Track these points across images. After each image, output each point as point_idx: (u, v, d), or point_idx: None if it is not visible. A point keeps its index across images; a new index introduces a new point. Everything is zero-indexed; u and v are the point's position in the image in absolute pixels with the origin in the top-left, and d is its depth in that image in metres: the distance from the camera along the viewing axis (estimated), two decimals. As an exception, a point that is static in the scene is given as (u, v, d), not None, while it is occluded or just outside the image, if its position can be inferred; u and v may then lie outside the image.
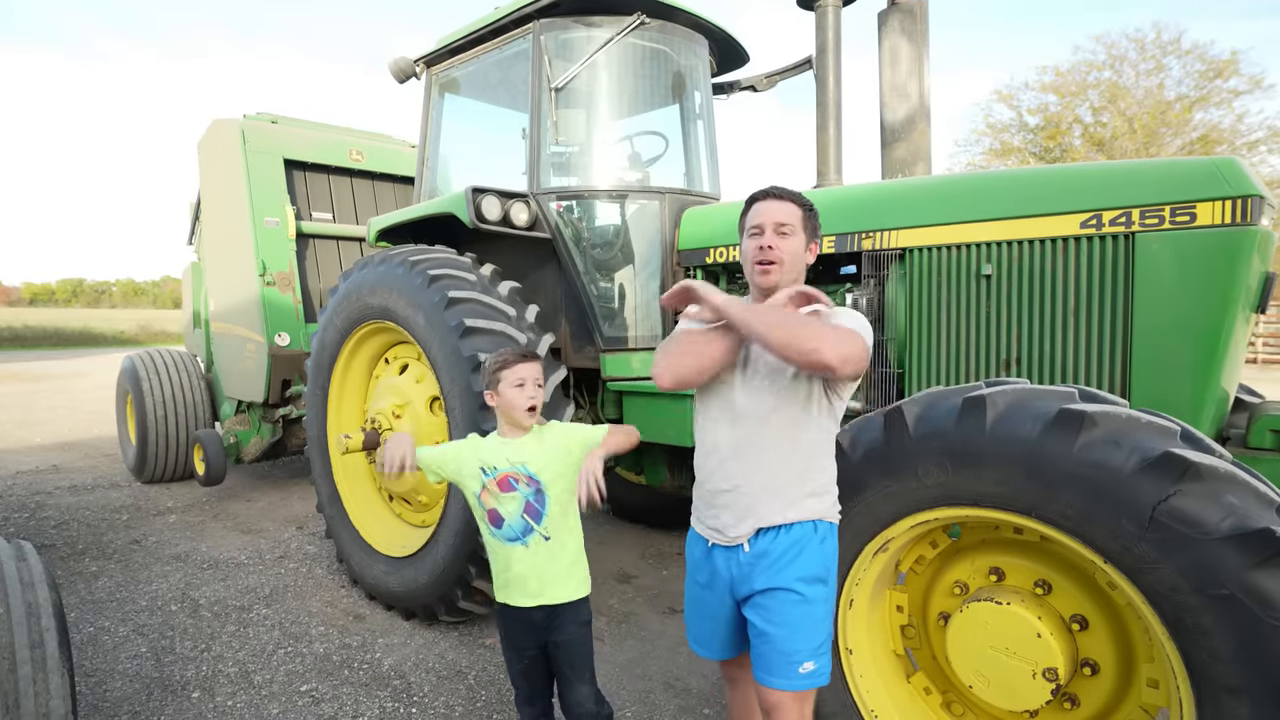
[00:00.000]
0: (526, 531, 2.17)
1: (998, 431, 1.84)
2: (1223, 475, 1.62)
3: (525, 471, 2.18)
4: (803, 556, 1.79)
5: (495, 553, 2.23)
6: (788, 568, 1.79)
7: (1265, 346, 19.17)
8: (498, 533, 2.19)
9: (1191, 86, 20.60)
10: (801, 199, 1.88)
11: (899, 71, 3.31)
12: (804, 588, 1.78)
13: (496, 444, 2.23)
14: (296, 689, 3.02)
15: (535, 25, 3.76)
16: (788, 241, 1.84)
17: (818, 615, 1.80)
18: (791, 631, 1.77)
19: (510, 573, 2.19)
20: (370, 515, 4.01)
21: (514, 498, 2.17)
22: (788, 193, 1.88)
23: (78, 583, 4.16)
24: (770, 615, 1.80)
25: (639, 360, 3.75)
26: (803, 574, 1.78)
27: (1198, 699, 1.63)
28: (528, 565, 2.17)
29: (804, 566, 1.79)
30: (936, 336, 2.85)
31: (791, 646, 1.77)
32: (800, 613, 1.78)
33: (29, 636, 1.86)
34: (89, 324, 35.15)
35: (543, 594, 2.17)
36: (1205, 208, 2.25)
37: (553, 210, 3.74)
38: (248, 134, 5.60)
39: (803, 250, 1.86)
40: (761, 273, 1.84)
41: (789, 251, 1.83)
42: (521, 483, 2.18)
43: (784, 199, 1.87)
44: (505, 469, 2.18)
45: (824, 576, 1.82)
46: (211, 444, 5.56)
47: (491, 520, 2.19)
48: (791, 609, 1.78)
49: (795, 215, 1.85)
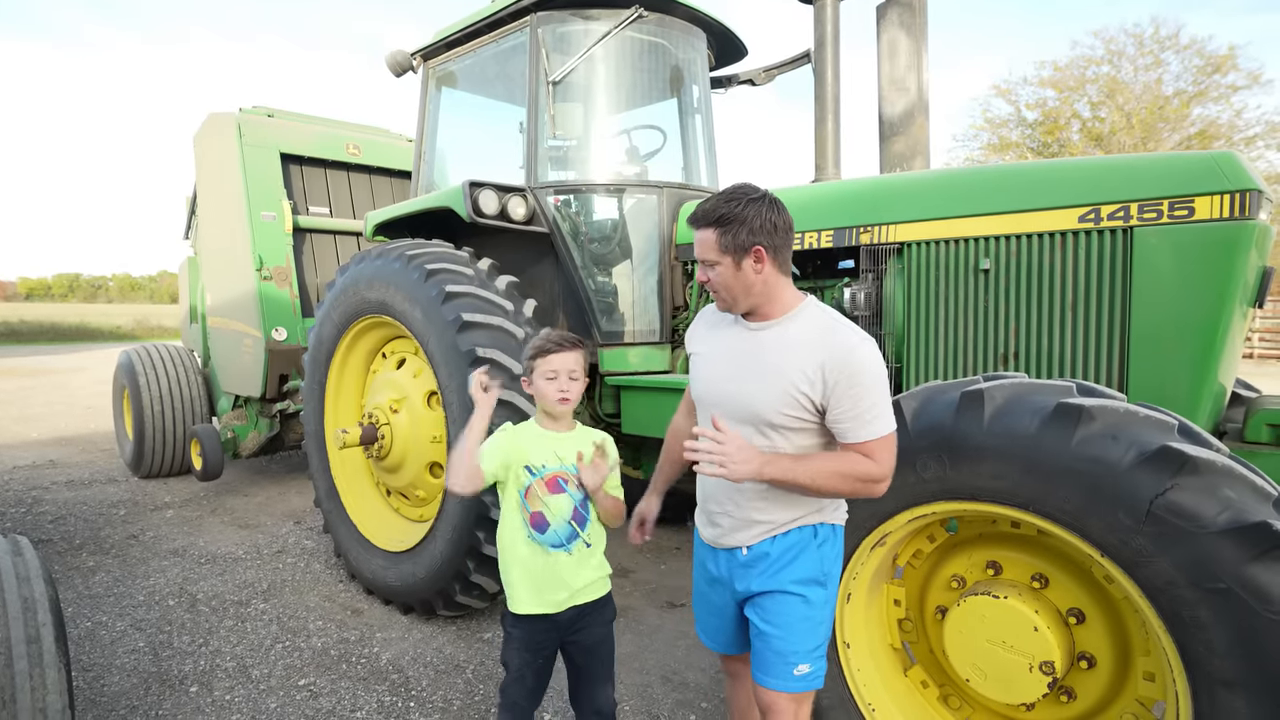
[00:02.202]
0: (572, 538, 2.01)
1: (995, 426, 1.85)
2: (1220, 469, 1.62)
3: (575, 473, 2.01)
4: (799, 560, 1.77)
5: (530, 559, 2.01)
6: (784, 571, 1.77)
7: (1262, 341, 19.23)
8: (540, 538, 1.99)
9: (1190, 81, 20.63)
10: (718, 213, 1.68)
11: (898, 65, 3.30)
12: (802, 589, 1.76)
13: (539, 437, 2.05)
14: (294, 683, 3.02)
15: (533, 19, 3.74)
16: (715, 272, 1.72)
17: (816, 618, 1.78)
18: (787, 632, 1.76)
19: (546, 580, 2.00)
20: (368, 510, 4.01)
21: (563, 500, 2.00)
22: (700, 216, 1.72)
23: (75, 578, 4.15)
24: (768, 615, 1.79)
25: (636, 355, 3.74)
26: (799, 577, 1.77)
27: (1194, 692, 1.63)
28: (569, 572, 2.01)
29: (800, 569, 1.77)
30: (934, 331, 2.85)
31: (787, 647, 1.76)
32: (798, 614, 1.76)
33: (25, 631, 1.85)
34: (85, 319, 35.06)
35: (574, 597, 2.03)
36: (1203, 202, 2.25)
37: (550, 204, 3.73)
38: (244, 128, 5.57)
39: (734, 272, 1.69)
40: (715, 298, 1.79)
41: (720, 282, 1.71)
42: (571, 484, 2.01)
43: (698, 226, 1.73)
44: (555, 468, 2.00)
45: (822, 579, 1.79)
46: (209, 439, 5.55)
47: (534, 524, 1.99)
48: (789, 609, 1.76)
49: (710, 244, 1.69)
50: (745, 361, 1.76)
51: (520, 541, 2.02)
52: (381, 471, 3.85)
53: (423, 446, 3.57)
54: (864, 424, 1.62)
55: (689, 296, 3.79)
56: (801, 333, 1.70)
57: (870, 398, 1.61)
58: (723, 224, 1.68)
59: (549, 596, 2.01)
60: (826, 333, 1.67)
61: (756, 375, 1.72)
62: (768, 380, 1.69)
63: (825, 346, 1.64)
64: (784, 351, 1.69)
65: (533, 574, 2.01)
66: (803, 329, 1.70)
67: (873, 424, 1.62)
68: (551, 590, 2.01)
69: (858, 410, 1.61)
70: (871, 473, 1.62)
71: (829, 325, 1.69)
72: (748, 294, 1.72)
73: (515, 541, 2.03)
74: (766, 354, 1.72)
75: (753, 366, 1.74)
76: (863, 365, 1.62)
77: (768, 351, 1.72)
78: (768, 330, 1.75)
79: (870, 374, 1.62)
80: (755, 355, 1.74)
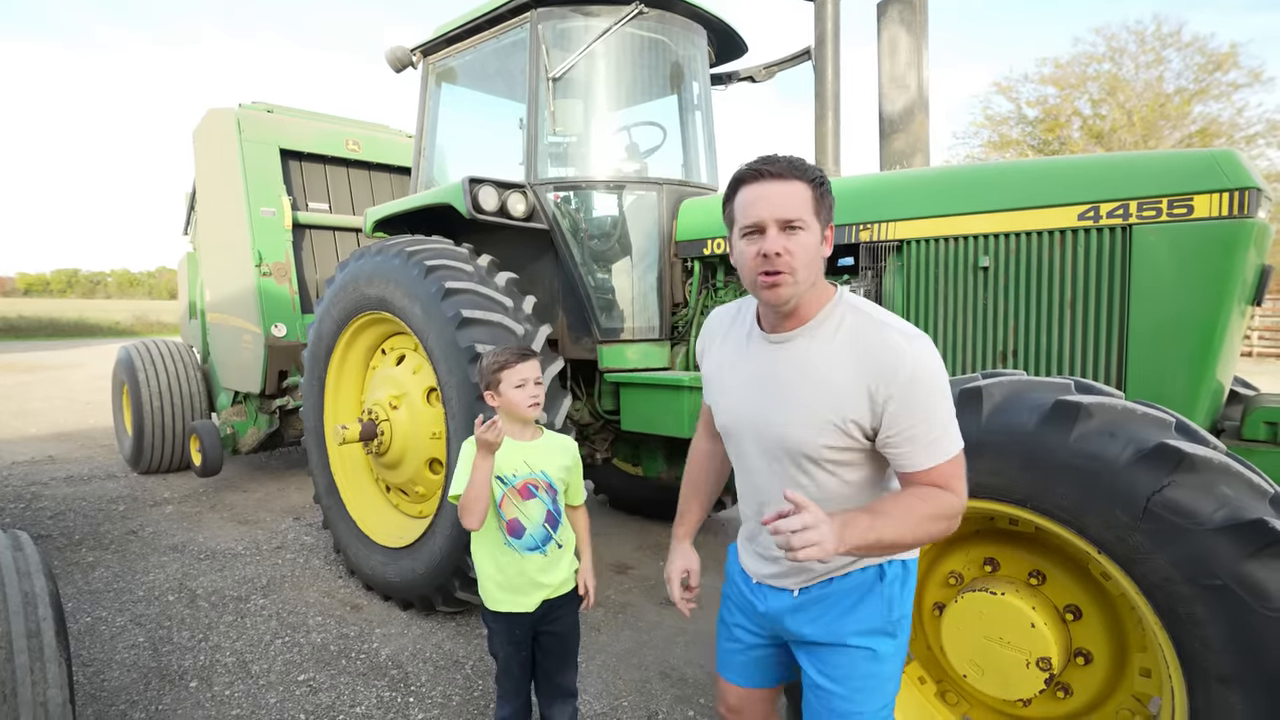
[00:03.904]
0: (546, 540, 2.14)
1: (994, 423, 1.85)
2: (1216, 466, 1.63)
3: (545, 479, 2.14)
4: (863, 606, 1.46)
5: (506, 563, 2.13)
6: (845, 619, 1.47)
7: (1261, 340, 19.24)
8: (516, 543, 2.12)
9: (1191, 79, 20.61)
10: (809, 171, 1.37)
11: (898, 63, 3.30)
12: (867, 642, 1.46)
13: (507, 446, 2.12)
14: (294, 678, 3.03)
15: (533, 14, 3.73)
16: (798, 241, 1.33)
17: (884, 674, 1.48)
18: (852, 692, 1.46)
19: (521, 580, 2.13)
20: (367, 506, 4.02)
21: (537, 505, 2.12)
22: (791, 167, 1.35)
23: (74, 573, 4.16)
24: (828, 669, 1.49)
25: (636, 352, 3.75)
26: (863, 627, 1.46)
27: (1190, 688, 1.64)
28: (543, 573, 2.15)
29: (865, 618, 1.46)
30: (933, 328, 2.85)
31: (851, 708, 1.46)
32: (862, 671, 1.47)
33: (25, 625, 1.86)
34: (84, 314, 35.02)
35: (548, 595, 2.18)
36: (1203, 200, 2.25)
37: (550, 201, 3.72)
38: (243, 123, 5.56)
39: (818, 244, 1.37)
40: (768, 286, 1.35)
41: (802, 256, 1.34)
42: (542, 489, 2.13)
43: (787, 178, 1.34)
44: (525, 475, 2.12)
45: (890, 629, 1.47)
46: (208, 435, 5.56)
47: (511, 530, 2.11)
48: (853, 666, 1.47)
49: (805, 201, 1.34)
50: (771, 387, 1.45)
51: (496, 547, 2.15)
52: (381, 468, 3.86)
53: (422, 443, 3.57)
54: (925, 447, 1.32)
55: (688, 293, 3.79)
56: (835, 342, 1.39)
57: (932, 413, 1.31)
58: (819, 181, 1.36)
59: (523, 598, 2.15)
60: (870, 340, 1.35)
61: (788, 401, 1.42)
62: (802, 406, 1.40)
63: (868, 357, 1.34)
64: (816, 369, 1.39)
65: (509, 577, 2.15)
66: (835, 337, 1.39)
67: (938, 444, 1.32)
68: (525, 592, 2.15)
69: (916, 431, 1.31)
70: (952, 506, 1.32)
71: (872, 330, 1.36)
72: (813, 279, 1.38)
73: (491, 548, 2.16)
74: (799, 372, 1.42)
75: (783, 390, 1.43)
76: (916, 375, 1.30)
77: (800, 369, 1.42)
78: (797, 341, 1.43)
79: (928, 384, 1.31)
80: (785, 375, 1.44)
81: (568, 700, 2.29)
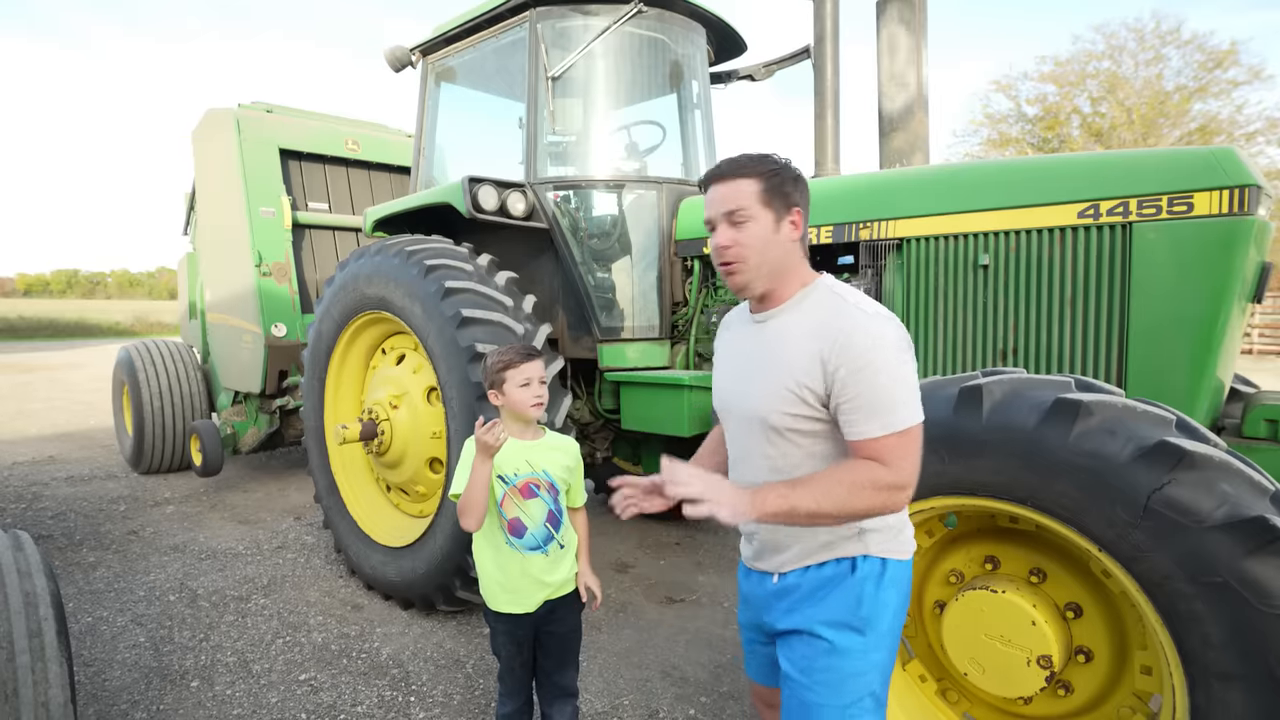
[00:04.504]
0: (548, 540, 2.13)
1: (994, 421, 1.85)
2: (1217, 464, 1.63)
3: (547, 478, 2.13)
4: (832, 597, 1.48)
5: (507, 562, 2.12)
6: (813, 608, 1.50)
7: (1261, 337, 19.25)
8: (518, 542, 2.10)
9: (1190, 77, 20.62)
10: (757, 165, 1.46)
11: (897, 61, 3.29)
12: (829, 633, 1.47)
13: (509, 446, 2.11)
14: (295, 678, 3.03)
15: (532, 14, 3.73)
16: (745, 231, 1.45)
17: (845, 670, 1.46)
18: (812, 680, 1.48)
19: (522, 581, 2.12)
20: (368, 505, 4.02)
21: (538, 504, 2.11)
22: (734, 167, 1.47)
23: (75, 573, 4.16)
24: (795, 657, 1.52)
25: (636, 350, 3.75)
26: (828, 618, 1.47)
27: (1190, 685, 1.64)
28: (545, 572, 2.13)
29: (831, 609, 1.48)
30: (933, 326, 2.85)
31: (813, 698, 1.47)
32: (822, 663, 1.47)
33: (27, 625, 1.86)
34: (84, 315, 35.05)
35: (549, 595, 2.17)
36: (1202, 198, 2.25)
37: (550, 200, 3.72)
38: (242, 123, 5.56)
39: (772, 232, 1.45)
40: (727, 275, 1.50)
41: (749, 244, 1.45)
42: (543, 489, 2.12)
43: (729, 177, 1.47)
44: (527, 474, 2.11)
45: (858, 625, 1.46)
46: (208, 435, 5.56)
47: (512, 530, 2.10)
48: (816, 657, 1.48)
49: (748, 194, 1.45)
50: (747, 360, 1.56)
51: (498, 547, 2.13)
52: (381, 467, 3.86)
53: (422, 442, 3.57)
54: (869, 416, 1.33)
55: (688, 292, 3.79)
56: (805, 317, 1.46)
57: (877, 381, 1.33)
58: (767, 173, 1.45)
59: (525, 598, 2.13)
60: (831, 313, 1.42)
61: (757, 373, 1.51)
62: (767, 377, 1.48)
63: (826, 327, 1.40)
64: (785, 341, 1.47)
65: (510, 577, 2.13)
66: (807, 313, 1.47)
67: (881, 416, 1.33)
68: (527, 592, 2.13)
69: (861, 400, 1.34)
70: (882, 479, 1.32)
71: (835, 305, 1.43)
72: (774, 264, 1.47)
73: (493, 548, 2.15)
74: (769, 347, 1.51)
75: (754, 364, 1.53)
76: (869, 345, 1.34)
77: (770, 344, 1.50)
78: (772, 320, 1.53)
79: (880, 354, 1.34)
80: (758, 351, 1.53)
81: (568, 699, 2.28)
